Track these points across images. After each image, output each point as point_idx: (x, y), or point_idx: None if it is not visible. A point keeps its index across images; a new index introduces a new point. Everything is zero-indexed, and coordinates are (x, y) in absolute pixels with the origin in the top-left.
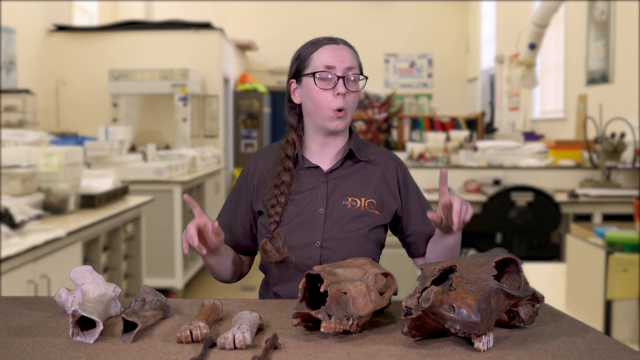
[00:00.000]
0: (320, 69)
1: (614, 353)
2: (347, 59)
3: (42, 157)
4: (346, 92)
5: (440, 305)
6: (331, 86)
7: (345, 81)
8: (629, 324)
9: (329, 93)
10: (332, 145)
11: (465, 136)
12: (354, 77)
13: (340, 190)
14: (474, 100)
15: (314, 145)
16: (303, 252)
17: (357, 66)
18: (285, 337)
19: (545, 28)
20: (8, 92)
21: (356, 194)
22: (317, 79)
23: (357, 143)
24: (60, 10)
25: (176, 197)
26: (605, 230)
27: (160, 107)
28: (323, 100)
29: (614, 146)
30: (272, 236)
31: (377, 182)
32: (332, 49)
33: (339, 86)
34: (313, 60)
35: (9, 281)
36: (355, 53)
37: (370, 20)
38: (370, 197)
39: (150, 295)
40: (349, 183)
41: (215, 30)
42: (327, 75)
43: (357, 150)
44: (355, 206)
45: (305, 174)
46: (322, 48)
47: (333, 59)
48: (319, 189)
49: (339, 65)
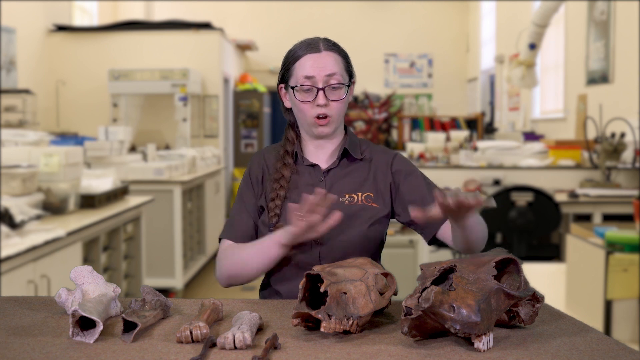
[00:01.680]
0: (300, 81)
1: (614, 353)
2: (327, 65)
3: (42, 157)
4: (327, 102)
5: (440, 305)
6: (312, 98)
7: (326, 91)
8: (629, 324)
9: (311, 103)
10: (327, 145)
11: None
12: (335, 86)
13: (337, 188)
14: (474, 100)
15: (309, 145)
16: (303, 250)
17: (341, 70)
18: (285, 337)
19: (545, 28)
20: (8, 92)
21: (353, 190)
22: (296, 92)
23: (353, 142)
24: (60, 10)
25: (176, 197)
26: (605, 230)
27: (160, 107)
28: (305, 110)
29: (614, 146)
30: (275, 229)
31: (373, 176)
32: (313, 59)
33: (319, 98)
34: (295, 70)
35: (9, 281)
36: (340, 56)
37: (370, 20)
38: (367, 191)
39: (150, 295)
40: (346, 180)
41: (215, 30)
42: (307, 88)
43: (352, 149)
44: (352, 202)
45: (304, 172)
46: (303, 58)
47: (313, 69)
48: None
49: (319, 74)
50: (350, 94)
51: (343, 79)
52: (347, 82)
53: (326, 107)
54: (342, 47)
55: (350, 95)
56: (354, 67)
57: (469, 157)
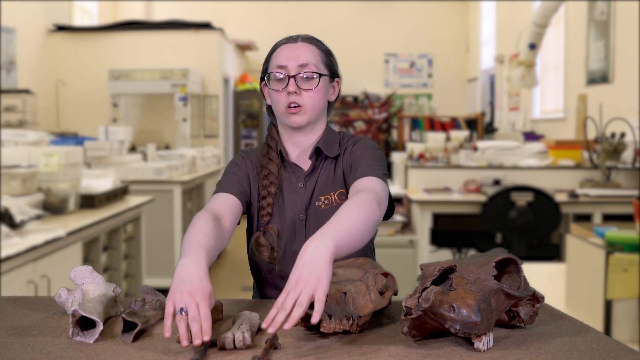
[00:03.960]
0: (274, 70)
1: (614, 353)
2: (301, 56)
3: (42, 157)
4: (297, 90)
5: (440, 305)
6: (283, 86)
7: (297, 79)
8: (629, 324)
9: (283, 93)
10: (304, 144)
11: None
12: (308, 75)
13: (315, 192)
14: (474, 100)
15: (289, 144)
16: (288, 262)
17: (317, 62)
18: (285, 337)
19: (545, 28)
20: (8, 92)
21: (327, 191)
22: (270, 80)
23: (328, 139)
24: (60, 10)
25: (176, 197)
26: (605, 230)
27: (160, 107)
28: (278, 99)
29: (614, 146)
30: (266, 229)
31: (342, 170)
32: (287, 49)
33: (290, 85)
34: (271, 62)
35: (9, 281)
36: (317, 48)
37: (370, 20)
38: (339, 188)
39: (150, 295)
40: (320, 182)
41: (215, 30)
42: (279, 76)
43: (325, 147)
44: (328, 205)
45: (289, 171)
46: (278, 49)
47: (286, 58)
48: (297, 193)
49: (291, 64)
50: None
51: (318, 69)
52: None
53: (297, 96)
54: (325, 44)
55: (334, 92)
56: (354, 67)
57: (469, 157)
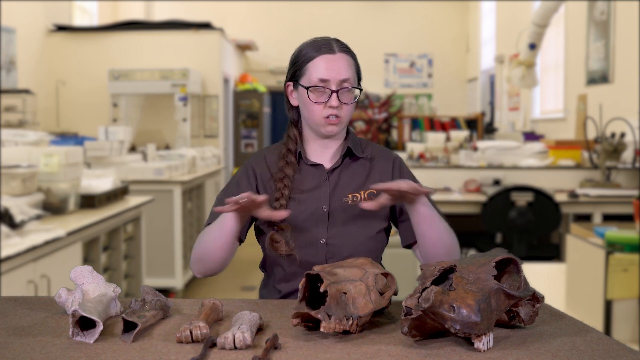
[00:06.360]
0: (314, 83)
1: (614, 353)
2: (342, 70)
3: (42, 157)
4: (339, 105)
5: (440, 305)
6: (324, 99)
7: (339, 94)
8: (629, 324)
9: (322, 104)
10: (330, 145)
11: (465, 136)
12: (348, 90)
13: (341, 187)
14: (474, 100)
15: (313, 145)
16: (308, 250)
17: (353, 75)
18: (285, 337)
19: (545, 28)
20: (8, 92)
21: (356, 189)
22: (310, 92)
23: (355, 141)
24: (60, 10)
25: (176, 197)
26: (605, 230)
27: (160, 107)
28: (316, 110)
29: (614, 146)
30: (280, 228)
31: (375, 175)
32: (328, 60)
33: (332, 100)
34: (309, 70)
35: (9, 281)
36: (352, 59)
37: (370, 20)
38: (370, 189)
39: (150, 295)
40: (349, 180)
41: (215, 30)
42: (321, 90)
43: (355, 148)
44: (356, 201)
45: (308, 171)
46: (318, 58)
47: (328, 72)
48: (321, 187)
49: (334, 78)
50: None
51: (354, 82)
52: (358, 86)
53: (337, 109)
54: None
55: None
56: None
57: (469, 157)
